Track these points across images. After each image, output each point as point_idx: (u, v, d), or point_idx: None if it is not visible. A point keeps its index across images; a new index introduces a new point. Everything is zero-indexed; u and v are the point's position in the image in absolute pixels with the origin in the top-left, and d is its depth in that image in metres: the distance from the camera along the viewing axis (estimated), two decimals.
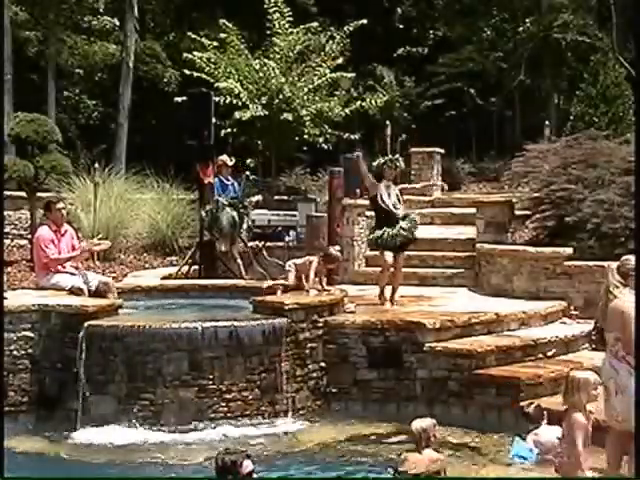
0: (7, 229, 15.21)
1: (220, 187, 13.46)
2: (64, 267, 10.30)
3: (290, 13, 19.23)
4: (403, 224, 10.75)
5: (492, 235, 12.66)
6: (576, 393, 6.44)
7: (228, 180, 13.66)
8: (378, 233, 10.73)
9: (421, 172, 17.56)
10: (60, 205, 10.58)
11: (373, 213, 11.37)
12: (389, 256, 10.75)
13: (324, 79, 19.01)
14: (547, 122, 20.71)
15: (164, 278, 12.69)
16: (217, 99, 16.68)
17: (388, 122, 19.98)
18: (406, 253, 11.64)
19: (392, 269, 10.84)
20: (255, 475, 5.75)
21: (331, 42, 19.57)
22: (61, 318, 9.03)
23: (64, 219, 10.64)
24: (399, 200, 10.93)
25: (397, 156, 11.31)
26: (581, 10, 27.23)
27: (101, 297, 9.80)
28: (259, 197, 14.59)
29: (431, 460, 6.69)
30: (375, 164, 11.13)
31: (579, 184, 12.14)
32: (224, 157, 13.89)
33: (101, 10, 25.87)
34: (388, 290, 10.92)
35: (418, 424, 6.94)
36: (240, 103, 18.22)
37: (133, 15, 23.94)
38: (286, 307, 9.29)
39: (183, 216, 15.50)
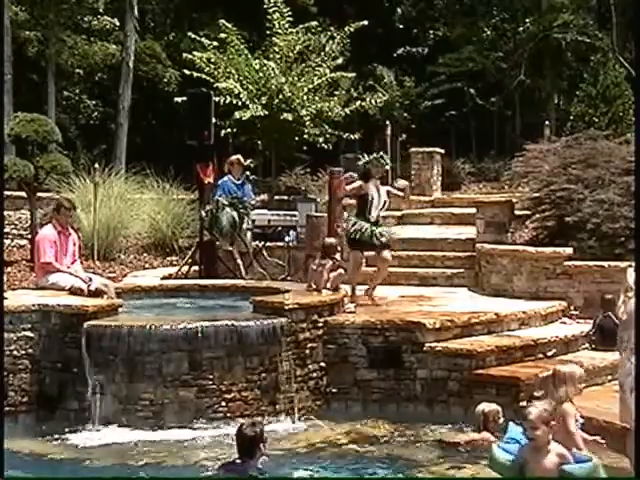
0: (7, 229, 15.20)
1: (228, 186, 13.47)
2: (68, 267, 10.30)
3: (290, 13, 19.23)
4: (380, 230, 10.79)
5: (492, 235, 12.67)
6: (563, 386, 6.63)
7: (239, 180, 13.67)
8: (359, 226, 10.76)
9: (421, 172, 17.54)
10: (71, 212, 10.55)
11: (354, 204, 11.39)
12: (358, 255, 10.83)
13: (324, 79, 19.01)
14: (547, 122, 20.70)
15: (164, 278, 12.69)
16: (217, 99, 16.68)
17: (388, 122, 20.11)
18: (406, 253, 11.66)
19: (378, 267, 10.89)
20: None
21: (331, 42, 19.56)
22: (61, 318, 9.01)
23: (70, 222, 10.62)
24: (385, 203, 10.97)
25: (382, 154, 11.31)
26: (581, 10, 27.27)
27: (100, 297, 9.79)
28: (264, 196, 14.63)
29: (481, 439, 7.78)
30: (361, 163, 11.14)
31: (579, 184, 12.14)
32: (238, 156, 13.93)
33: (101, 10, 25.86)
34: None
35: (480, 408, 7.98)
36: (240, 103, 18.21)
37: (133, 15, 23.96)
38: (286, 307, 9.28)
39: (183, 216, 15.49)
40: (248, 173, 14.36)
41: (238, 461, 6.25)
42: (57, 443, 8.32)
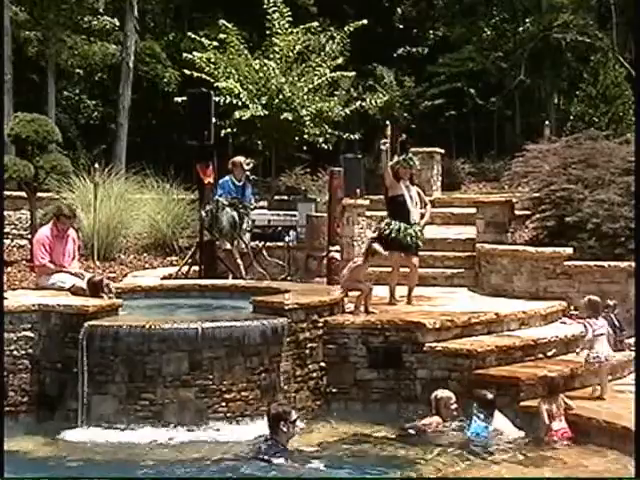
0: (7, 229, 15.22)
1: (228, 186, 13.44)
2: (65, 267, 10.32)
3: (290, 13, 19.26)
4: (414, 229, 10.77)
5: (492, 235, 12.68)
6: None
7: (240, 182, 13.64)
8: (393, 226, 10.72)
9: (421, 172, 17.52)
10: (71, 220, 10.55)
11: (385, 212, 11.32)
12: (395, 256, 10.77)
13: (324, 79, 19.03)
14: (547, 122, 20.72)
15: (164, 278, 12.69)
16: (217, 99, 16.68)
17: (388, 122, 20.10)
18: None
19: (408, 269, 10.87)
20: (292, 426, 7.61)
21: (331, 42, 19.58)
22: (61, 318, 9.01)
23: (70, 228, 10.61)
24: (417, 202, 10.93)
25: (410, 155, 11.26)
26: (581, 10, 27.26)
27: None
28: (264, 203, 14.69)
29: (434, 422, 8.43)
30: (391, 163, 11.11)
31: (579, 184, 12.16)
32: (241, 158, 13.83)
33: (101, 10, 25.85)
34: (400, 291, 10.94)
35: (434, 393, 8.60)
36: (240, 103, 18.23)
37: (133, 15, 23.98)
38: (286, 307, 9.27)
39: (183, 216, 15.49)
40: (248, 173, 14.35)
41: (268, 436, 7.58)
42: (57, 443, 8.31)
